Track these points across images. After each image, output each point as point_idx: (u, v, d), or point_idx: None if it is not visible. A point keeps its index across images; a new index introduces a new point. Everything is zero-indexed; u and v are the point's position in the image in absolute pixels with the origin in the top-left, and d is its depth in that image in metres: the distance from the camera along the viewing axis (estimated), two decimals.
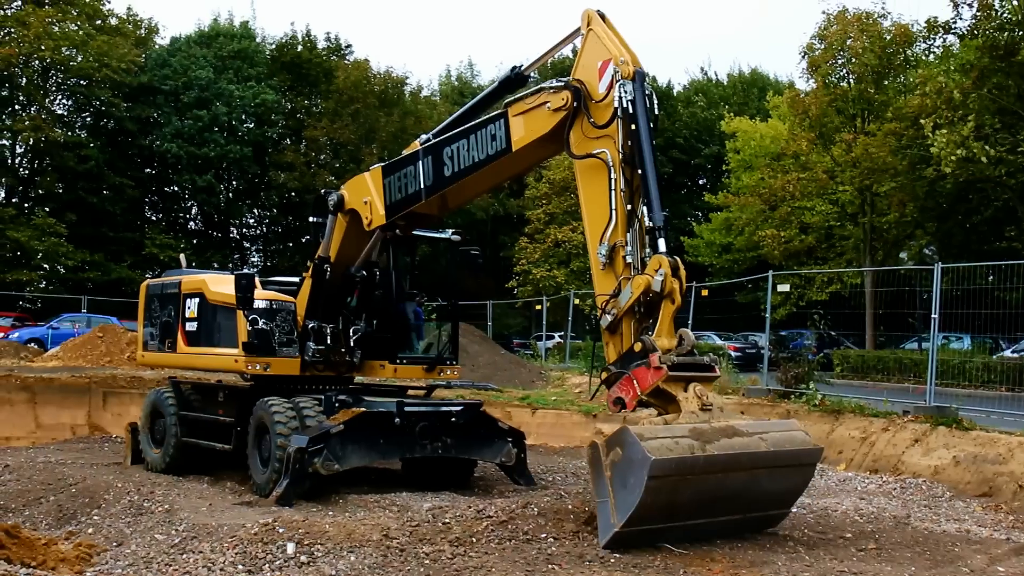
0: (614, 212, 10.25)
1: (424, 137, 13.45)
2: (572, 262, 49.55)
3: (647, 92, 10.50)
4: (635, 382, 9.80)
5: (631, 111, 10.30)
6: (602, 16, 11.00)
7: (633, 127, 10.27)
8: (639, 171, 10.19)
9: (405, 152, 13.74)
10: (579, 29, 11.20)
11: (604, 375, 10.38)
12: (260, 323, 14.33)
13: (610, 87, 10.49)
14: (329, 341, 14.55)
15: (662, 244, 9.92)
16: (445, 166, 12.60)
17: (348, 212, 14.17)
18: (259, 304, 14.47)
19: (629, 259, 10.13)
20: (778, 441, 10.00)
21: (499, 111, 12.00)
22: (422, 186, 12.96)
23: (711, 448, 9.28)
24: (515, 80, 12.58)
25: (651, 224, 9.99)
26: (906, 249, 43.59)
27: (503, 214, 59.89)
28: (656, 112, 10.68)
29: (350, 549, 9.36)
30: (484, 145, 12.01)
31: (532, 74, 12.89)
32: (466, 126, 12.49)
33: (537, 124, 11.33)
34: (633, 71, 10.42)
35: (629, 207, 10.28)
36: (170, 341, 16.10)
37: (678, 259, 9.95)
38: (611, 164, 10.35)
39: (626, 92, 10.33)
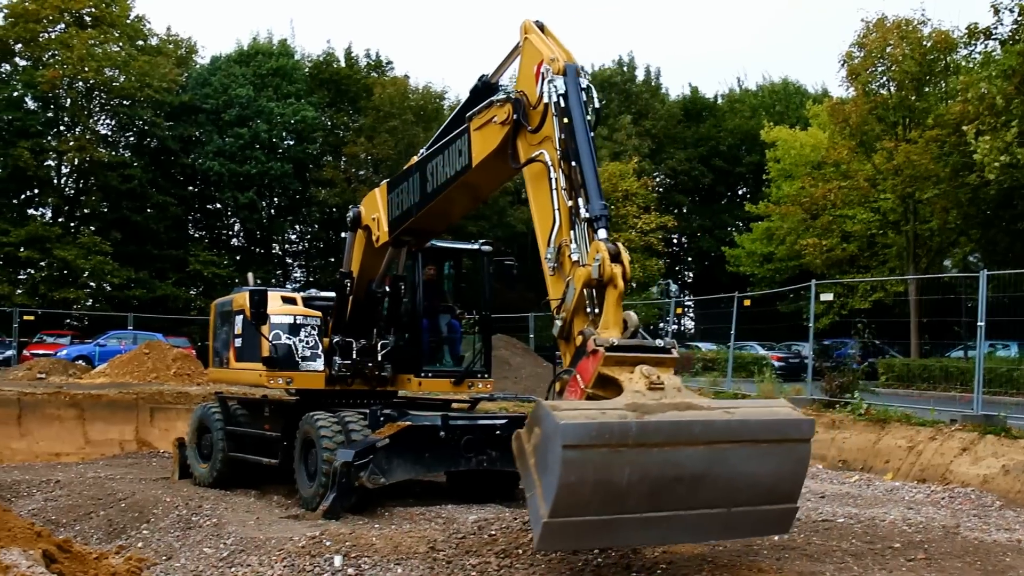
0: (557, 212, 9.66)
1: (423, 151, 13.25)
2: None
3: (583, 86, 10.04)
4: (579, 378, 8.75)
5: (563, 104, 9.87)
6: (541, 27, 10.80)
7: (566, 120, 9.79)
8: (575, 164, 9.64)
9: (406, 166, 13.63)
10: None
11: (557, 386, 9.33)
12: (283, 338, 14.50)
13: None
14: (355, 355, 14.69)
15: (602, 232, 9.20)
16: (428, 182, 12.51)
17: (365, 228, 14.21)
18: (283, 319, 14.72)
19: (575, 256, 9.31)
20: (749, 414, 8.60)
21: (464, 125, 11.69)
22: (413, 202, 12.89)
23: (650, 417, 7.96)
24: (483, 90, 11.96)
25: (588, 215, 9.35)
26: (950, 256, 43.14)
27: None
28: (596, 104, 10.17)
29: (397, 561, 9.41)
30: (453, 160, 11.86)
31: (502, 82, 12.13)
32: (444, 140, 12.29)
33: (490, 139, 11.02)
34: (563, 66, 10.05)
35: (570, 204, 9.57)
36: (226, 357, 16.39)
37: (620, 244, 9.22)
38: (550, 164, 9.87)
39: (556, 87, 9.92)
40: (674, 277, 70.36)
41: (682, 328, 52.72)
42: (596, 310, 9.07)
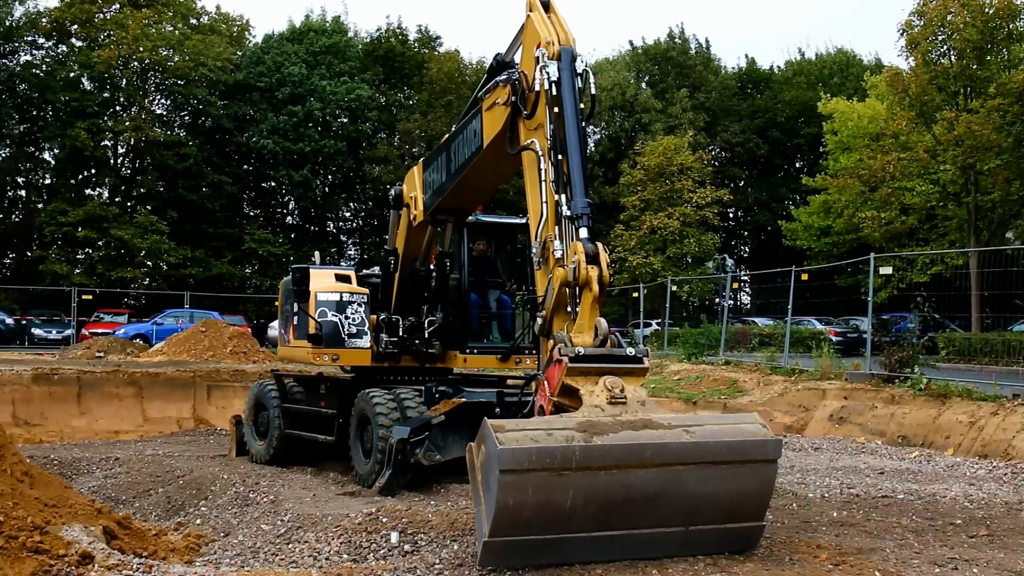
0: (544, 205, 9.33)
1: (453, 127, 12.82)
2: (668, 248, 49.29)
3: (578, 72, 9.60)
4: (546, 385, 8.60)
5: (554, 92, 9.44)
6: (547, 5, 10.30)
7: (557, 109, 9.41)
8: (562, 157, 9.29)
9: (440, 143, 13.29)
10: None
11: (533, 386, 9.22)
12: (329, 315, 14.52)
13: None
14: (403, 332, 14.68)
15: (583, 232, 8.89)
16: (451, 161, 12.24)
17: (406, 206, 14.08)
18: (330, 297, 14.70)
19: (558, 254, 8.95)
20: (710, 433, 8.18)
21: (478, 106, 11.38)
22: (442, 181, 12.66)
23: (599, 440, 7.68)
24: (497, 69, 11.17)
25: (570, 213, 9.01)
26: (1012, 228, 42.41)
27: (597, 202, 59.53)
28: (593, 91, 9.76)
29: (453, 538, 9.37)
30: (470, 140, 11.59)
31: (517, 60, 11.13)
32: (465, 119, 11.96)
33: (496, 120, 10.72)
34: (558, 50, 9.61)
35: (557, 198, 9.24)
36: (286, 335, 16.40)
37: (600, 245, 8.87)
38: (540, 154, 9.53)
39: (548, 73, 9.46)
40: (730, 252, 69.99)
41: (738, 303, 52.41)
42: (578, 309, 8.81)
